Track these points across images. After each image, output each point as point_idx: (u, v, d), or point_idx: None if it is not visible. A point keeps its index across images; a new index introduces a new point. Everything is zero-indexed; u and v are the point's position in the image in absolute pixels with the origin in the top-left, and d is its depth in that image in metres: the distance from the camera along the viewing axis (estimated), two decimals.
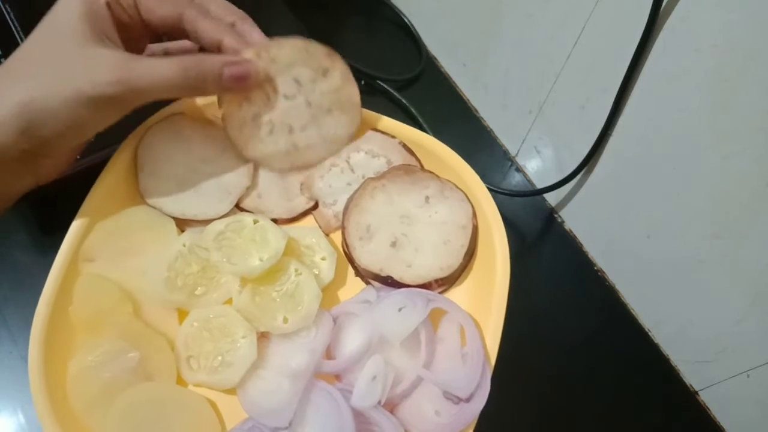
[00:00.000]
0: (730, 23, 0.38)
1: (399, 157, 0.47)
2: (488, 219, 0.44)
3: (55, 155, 0.37)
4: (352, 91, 0.43)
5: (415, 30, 0.70)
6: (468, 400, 0.39)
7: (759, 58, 0.38)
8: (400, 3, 0.71)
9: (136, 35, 0.40)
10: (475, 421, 0.39)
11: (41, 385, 0.36)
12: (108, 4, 0.37)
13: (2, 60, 0.50)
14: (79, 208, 0.41)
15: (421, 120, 0.63)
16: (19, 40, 0.51)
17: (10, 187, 0.38)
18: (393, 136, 0.47)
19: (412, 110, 0.64)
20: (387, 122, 0.47)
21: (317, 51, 0.42)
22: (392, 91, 0.64)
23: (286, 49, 0.41)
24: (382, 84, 0.65)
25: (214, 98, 0.44)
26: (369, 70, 0.64)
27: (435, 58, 0.70)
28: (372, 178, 0.46)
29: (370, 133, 0.47)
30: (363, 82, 0.65)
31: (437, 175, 0.46)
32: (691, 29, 0.41)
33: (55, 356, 0.38)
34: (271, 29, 0.57)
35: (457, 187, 0.45)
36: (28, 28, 0.52)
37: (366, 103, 0.45)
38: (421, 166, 0.47)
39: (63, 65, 0.35)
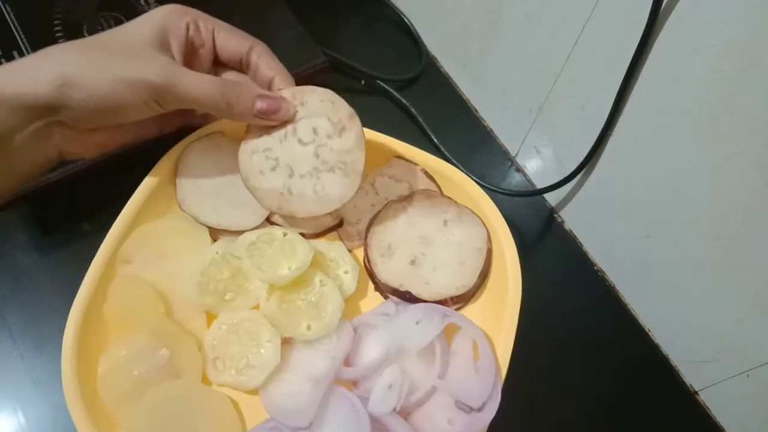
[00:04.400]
0: (730, 23, 0.38)
1: (420, 183, 0.50)
2: (502, 242, 0.46)
3: (82, 126, 0.38)
4: (359, 158, 0.43)
5: (415, 30, 0.70)
6: (479, 409, 0.40)
7: (759, 58, 0.38)
8: (400, 3, 0.71)
9: (204, 59, 0.43)
10: (486, 430, 0.40)
11: (73, 379, 0.38)
12: (187, 25, 0.41)
13: (2, 61, 0.50)
14: (78, 210, 0.41)
15: (421, 120, 0.63)
16: (19, 40, 0.51)
17: (33, 152, 0.38)
18: (415, 163, 0.50)
19: (412, 110, 0.64)
20: (410, 150, 0.50)
21: (342, 108, 0.43)
22: (392, 91, 0.64)
23: (317, 98, 0.43)
24: (382, 84, 0.64)
25: None
26: (369, 70, 0.63)
27: (435, 58, 0.70)
28: (394, 201, 0.49)
29: (394, 160, 0.50)
30: (363, 82, 0.65)
31: (455, 201, 0.48)
32: (691, 29, 0.41)
33: (88, 352, 0.39)
34: (270, 28, 0.57)
35: (473, 212, 0.48)
36: (28, 28, 0.52)
37: (366, 103, 0.45)
38: (441, 191, 0.50)
39: (117, 54, 0.38)
